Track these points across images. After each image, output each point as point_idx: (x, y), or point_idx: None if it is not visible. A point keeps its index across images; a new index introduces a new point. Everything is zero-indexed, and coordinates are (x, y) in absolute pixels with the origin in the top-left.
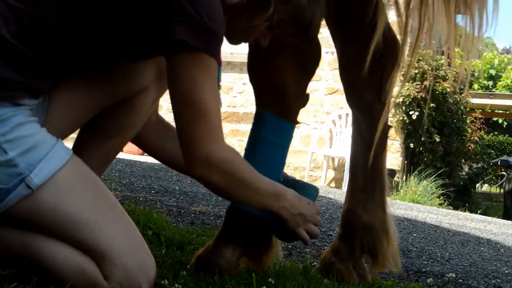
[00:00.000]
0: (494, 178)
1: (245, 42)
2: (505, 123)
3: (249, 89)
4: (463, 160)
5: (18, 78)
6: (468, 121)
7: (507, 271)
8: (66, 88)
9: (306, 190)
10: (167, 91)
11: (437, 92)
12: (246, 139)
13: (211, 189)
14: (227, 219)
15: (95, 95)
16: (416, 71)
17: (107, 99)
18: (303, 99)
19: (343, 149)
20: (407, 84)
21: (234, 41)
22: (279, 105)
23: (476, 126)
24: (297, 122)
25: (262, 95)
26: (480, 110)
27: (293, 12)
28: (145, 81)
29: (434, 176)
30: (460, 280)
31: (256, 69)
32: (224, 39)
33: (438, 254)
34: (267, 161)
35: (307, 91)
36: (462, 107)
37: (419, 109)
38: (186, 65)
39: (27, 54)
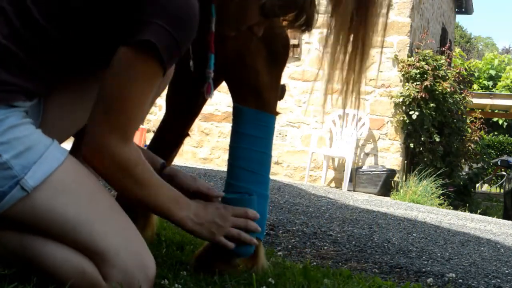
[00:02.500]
0: (494, 178)
1: (239, 31)
2: (505, 123)
3: None
4: (463, 160)
5: (12, 80)
6: (468, 121)
7: (507, 271)
8: (63, 91)
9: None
10: (165, 91)
11: (437, 92)
12: None
13: (105, 180)
14: None
15: (92, 97)
16: (417, 71)
17: None
18: (280, 90)
19: (343, 149)
20: (407, 84)
21: (228, 31)
22: (255, 99)
23: (476, 126)
24: (277, 113)
25: (237, 90)
26: (480, 110)
27: None
28: None
29: (434, 176)
30: (460, 280)
31: (228, 65)
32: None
33: (438, 254)
34: (253, 155)
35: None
36: (462, 107)
37: (419, 109)
38: (138, 63)
39: (20, 55)
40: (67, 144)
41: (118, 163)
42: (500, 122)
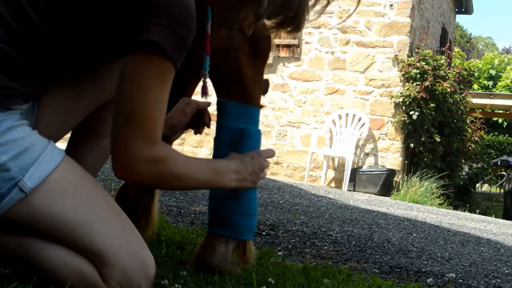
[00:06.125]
0: (494, 178)
1: (231, 30)
2: (505, 123)
3: None
4: (463, 160)
5: (11, 84)
6: (468, 121)
7: (507, 271)
8: (55, 92)
9: (251, 137)
10: None
11: (437, 92)
12: None
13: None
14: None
15: (84, 96)
16: (417, 71)
17: (97, 100)
18: (263, 85)
19: (343, 149)
20: (407, 84)
21: (219, 30)
22: (239, 92)
23: (476, 126)
24: (261, 106)
25: (221, 84)
26: (480, 110)
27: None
28: None
29: (434, 176)
30: (460, 280)
31: (211, 60)
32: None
33: (438, 254)
34: (240, 149)
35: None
36: (462, 107)
37: (419, 109)
38: (147, 66)
39: (17, 58)
40: (62, 144)
41: (154, 167)
42: (500, 122)
